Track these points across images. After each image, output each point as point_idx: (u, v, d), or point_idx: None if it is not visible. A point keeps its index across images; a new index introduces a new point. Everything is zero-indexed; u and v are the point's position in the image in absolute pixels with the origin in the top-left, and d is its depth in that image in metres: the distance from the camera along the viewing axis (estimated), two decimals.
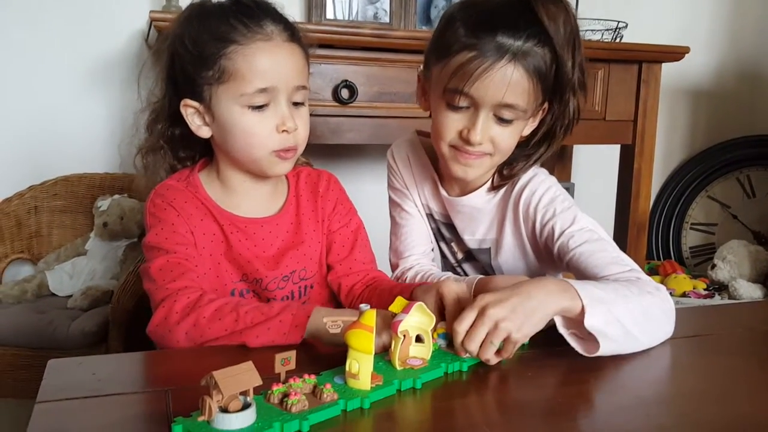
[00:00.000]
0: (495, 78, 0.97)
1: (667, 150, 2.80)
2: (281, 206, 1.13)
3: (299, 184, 1.15)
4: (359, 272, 1.15)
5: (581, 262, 1.02)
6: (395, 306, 0.81)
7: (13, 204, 1.94)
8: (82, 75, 2.08)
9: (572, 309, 0.85)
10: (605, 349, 0.84)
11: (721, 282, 2.42)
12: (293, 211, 1.13)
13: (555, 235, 1.07)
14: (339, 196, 1.18)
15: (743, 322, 1.10)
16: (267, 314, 0.89)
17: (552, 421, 0.72)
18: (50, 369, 0.81)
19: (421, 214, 1.25)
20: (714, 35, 2.78)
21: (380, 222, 1.58)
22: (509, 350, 0.82)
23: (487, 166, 1.09)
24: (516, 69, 0.97)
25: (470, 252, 1.23)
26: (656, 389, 0.83)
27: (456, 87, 1.00)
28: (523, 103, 1.00)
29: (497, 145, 1.04)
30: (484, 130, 1.02)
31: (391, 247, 1.27)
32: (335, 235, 1.15)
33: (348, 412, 0.70)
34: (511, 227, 1.15)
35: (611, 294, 0.88)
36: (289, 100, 1.02)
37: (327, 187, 1.17)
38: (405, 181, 1.24)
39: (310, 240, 1.12)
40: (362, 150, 2.37)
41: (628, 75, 2.10)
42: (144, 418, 0.70)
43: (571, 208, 1.09)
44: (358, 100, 1.81)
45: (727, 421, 0.73)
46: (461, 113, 1.03)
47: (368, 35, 1.77)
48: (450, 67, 1.00)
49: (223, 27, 0.98)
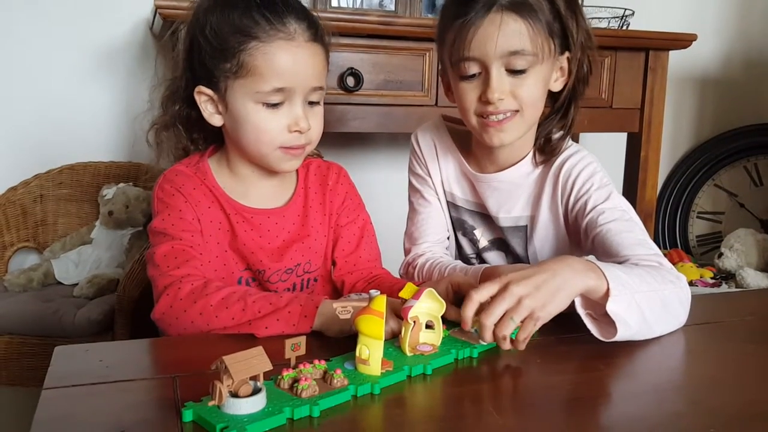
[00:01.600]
0: (488, 31, 0.98)
1: (674, 138, 2.78)
2: (289, 198, 1.12)
3: (308, 176, 1.15)
4: (363, 270, 1.14)
5: (607, 239, 1.01)
6: (405, 292, 0.81)
7: (18, 193, 1.94)
8: (86, 63, 2.07)
9: (597, 289, 0.84)
10: (622, 335, 0.83)
11: (728, 271, 2.41)
12: (301, 203, 1.12)
13: (587, 209, 1.06)
14: (348, 190, 1.17)
15: (753, 309, 1.09)
16: (275, 304, 0.89)
17: (563, 409, 0.71)
18: (57, 356, 0.81)
19: (441, 202, 1.23)
20: (721, 23, 2.76)
21: (386, 211, 1.58)
22: (529, 329, 0.79)
23: (522, 127, 1.06)
24: (507, 16, 0.97)
25: (496, 240, 1.21)
26: (669, 376, 0.83)
27: (459, 56, 1.01)
28: (527, 46, 0.99)
29: (520, 97, 1.02)
30: (500, 86, 1.01)
31: (406, 232, 1.26)
32: (343, 230, 1.15)
33: (358, 398, 0.70)
34: (549, 202, 1.13)
35: (635, 279, 0.87)
36: (305, 99, 1.01)
37: (336, 180, 1.16)
38: (428, 166, 1.22)
39: (316, 233, 1.11)
40: (368, 138, 2.36)
41: (635, 63, 2.08)
42: (152, 404, 0.70)
43: (607, 186, 1.09)
44: (363, 88, 1.80)
45: (740, 407, 0.72)
46: (475, 81, 1.03)
47: (374, 22, 1.75)
48: (449, 42, 1.02)
49: (245, 20, 0.96)
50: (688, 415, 0.71)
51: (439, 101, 1.87)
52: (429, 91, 1.87)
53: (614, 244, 1.00)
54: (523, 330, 0.80)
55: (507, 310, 0.78)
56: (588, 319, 0.86)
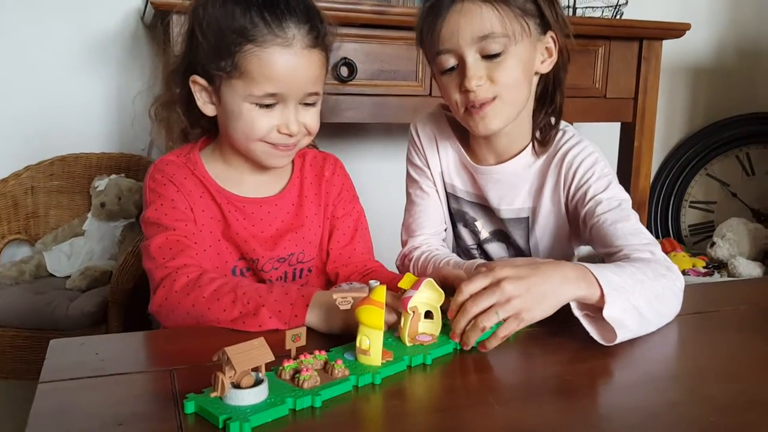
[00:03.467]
0: (454, 20, 0.99)
1: (667, 128, 2.79)
2: (283, 187, 1.11)
3: (305, 166, 1.14)
4: (357, 262, 1.14)
5: (603, 228, 1.02)
6: (404, 282, 0.80)
7: (9, 184, 1.92)
8: (77, 54, 2.05)
9: (589, 298, 0.83)
10: (622, 338, 0.82)
11: (721, 260, 2.42)
12: (296, 193, 1.12)
13: (586, 198, 1.07)
14: (344, 182, 1.17)
15: (747, 298, 1.10)
16: (265, 299, 0.87)
17: (562, 398, 0.71)
18: (52, 349, 0.80)
19: (440, 194, 1.23)
20: (714, 12, 2.76)
21: (379, 202, 1.57)
22: (511, 327, 0.79)
23: (505, 111, 1.05)
24: (471, 2, 0.98)
25: (497, 231, 1.21)
26: (665, 366, 0.83)
27: (434, 50, 1.02)
28: (497, 28, 0.98)
29: (498, 81, 1.01)
30: (476, 72, 1.00)
31: (404, 223, 1.26)
32: (338, 222, 1.14)
33: (359, 388, 0.70)
34: (551, 192, 1.13)
35: (628, 280, 0.86)
36: (299, 102, 1.00)
37: (333, 171, 1.15)
38: (427, 157, 1.21)
39: (310, 223, 1.11)
40: (362, 128, 2.35)
41: (629, 52, 2.08)
42: (149, 397, 0.70)
43: (608, 176, 1.09)
44: (357, 78, 1.79)
45: (735, 395, 0.73)
46: (453, 73, 1.03)
47: (368, 12, 1.74)
48: (425, 38, 1.04)
49: (243, 20, 0.94)
50: (685, 404, 0.71)
51: (432, 91, 1.87)
52: (423, 81, 1.87)
53: (609, 234, 1.00)
54: (506, 327, 0.80)
55: (494, 304, 0.79)
56: (586, 320, 0.85)
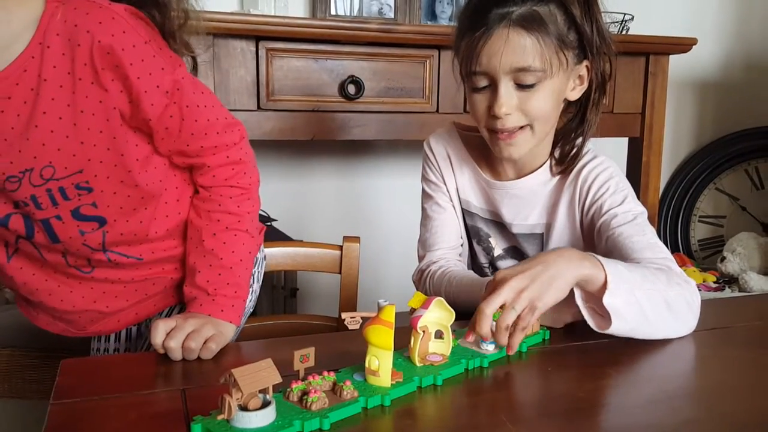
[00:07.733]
0: (496, 46, 0.98)
1: (675, 142, 2.77)
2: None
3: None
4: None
5: (619, 241, 1.02)
6: (414, 301, 0.80)
7: None
8: None
9: (593, 279, 0.85)
10: (616, 328, 0.84)
11: (731, 275, 2.40)
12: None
13: (602, 211, 1.07)
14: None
15: (760, 314, 1.09)
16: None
17: (576, 417, 0.70)
18: (64, 369, 0.80)
19: (455, 209, 1.23)
20: (721, 26, 2.76)
21: (392, 217, 1.57)
22: (527, 319, 0.81)
23: (532, 140, 1.06)
24: (515, 31, 0.98)
25: (510, 248, 1.21)
26: (680, 383, 0.82)
27: (469, 69, 1.02)
28: (535, 63, 0.99)
29: (528, 112, 1.02)
30: (507, 100, 1.01)
31: (420, 238, 1.25)
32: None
33: (369, 410, 0.69)
34: (566, 208, 1.13)
35: (638, 277, 0.87)
36: None
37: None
38: (442, 173, 1.21)
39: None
40: (370, 146, 2.35)
41: (636, 67, 2.08)
42: (160, 417, 0.69)
43: (623, 190, 1.09)
44: (364, 95, 1.80)
45: (754, 413, 0.72)
46: (485, 93, 1.04)
47: (374, 30, 1.75)
48: (462, 54, 1.04)
49: None
50: (703, 422, 0.70)
51: (440, 108, 1.87)
52: (430, 98, 1.87)
53: (625, 247, 1.00)
54: (522, 319, 0.81)
55: (507, 301, 0.81)
56: (588, 311, 0.87)
